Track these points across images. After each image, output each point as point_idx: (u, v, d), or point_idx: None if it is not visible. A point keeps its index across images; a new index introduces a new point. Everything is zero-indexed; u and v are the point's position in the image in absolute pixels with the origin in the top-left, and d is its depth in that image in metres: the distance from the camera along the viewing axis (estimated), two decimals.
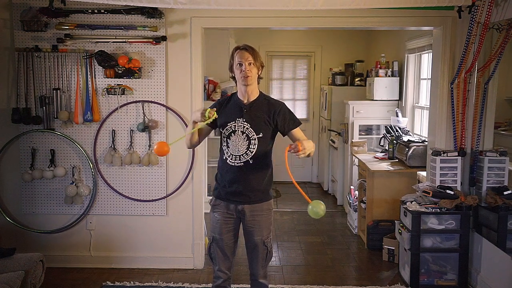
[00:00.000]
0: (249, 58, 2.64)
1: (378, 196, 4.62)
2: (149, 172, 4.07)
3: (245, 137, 2.68)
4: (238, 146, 2.68)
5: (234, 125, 2.69)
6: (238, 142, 2.68)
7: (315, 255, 4.54)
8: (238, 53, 2.67)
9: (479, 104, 3.70)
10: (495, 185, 3.62)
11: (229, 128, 2.69)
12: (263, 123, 2.71)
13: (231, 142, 2.69)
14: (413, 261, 3.71)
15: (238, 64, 2.66)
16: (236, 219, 2.79)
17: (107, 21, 3.91)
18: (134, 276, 3.99)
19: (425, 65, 5.26)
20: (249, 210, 2.75)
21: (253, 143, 2.68)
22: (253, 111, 2.71)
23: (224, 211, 2.77)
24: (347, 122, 5.86)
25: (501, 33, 3.43)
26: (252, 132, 2.68)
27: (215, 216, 2.80)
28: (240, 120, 2.69)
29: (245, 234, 2.82)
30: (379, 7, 3.59)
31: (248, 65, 2.64)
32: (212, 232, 2.84)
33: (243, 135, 2.68)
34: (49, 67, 3.94)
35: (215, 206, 2.81)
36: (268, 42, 7.30)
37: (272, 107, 2.77)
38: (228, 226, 2.78)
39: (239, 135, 2.68)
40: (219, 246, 2.79)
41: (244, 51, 2.66)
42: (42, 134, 4.02)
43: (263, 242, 2.79)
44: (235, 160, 2.69)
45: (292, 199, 6.58)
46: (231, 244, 2.81)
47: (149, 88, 4.00)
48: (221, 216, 2.77)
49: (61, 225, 4.13)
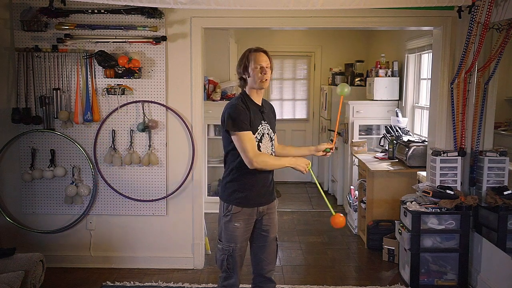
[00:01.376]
0: (267, 61, 2.68)
1: (378, 196, 4.62)
2: (149, 172, 4.07)
3: (269, 138, 2.78)
4: (267, 147, 2.76)
5: (262, 128, 2.73)
6: (267, 143, 2.76)
7: (315, 255, 4.54)
8: (255, 55, 2.66)
9: (479, 104, 3.70)
10: (495, 185, 3.61)
11: (260, 132, 2.72)
12: (273, 123, 2.85)
13: (263, 145, 2.73)
14: (413, 261, 3.71)
15: (259, 67, 2.65)
16: (253, 223, 2.80)
17: (107, 21, 3.91)
18: (134, 276, 3.99)
19: (425, 65, 5.26)
20: (267, 209, 2.81)
21: (273, 142, 2.82)
22: (266, 112, 2.81)
23: (247, 218, 2.73)
24: (347, 122, 5.87)
25: (501, 33, 3.43)
26: (272, 133, 2.80)
27: (235, 226, 2.70)
28: (264, 122, 2.75)
29: (260, 233, 2.81)
30: (379, 7, 3.59)
31: (267, 68, 2.67)
32: (231, 243, 2.72)
33: (268, 136, 2.77)
34: (49, 67, 3.94)
35: (235, 214, 2.70)
36: (268, 42, 7.29)
37: (271, 108, 2.94)
38: (248, 232, 2.78)
39: (266, 137, 2.75)
40: (240, 255, 2.77)
41: (264, 54, 2.68)
42: (42, 134, 4.02)
43: (276, 238, 2.88)
44: None
45: (292, 199, 6.58)
46: (245, 249, 2.84)
47: (149, 88, 4.00)
48: (244, 224, 2.73)
49: (61, 225, 4.13)
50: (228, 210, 2.72)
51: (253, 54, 2.67)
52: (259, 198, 2.75)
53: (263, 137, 2.72)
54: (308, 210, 6.07)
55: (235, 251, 2.72)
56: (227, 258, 2.73)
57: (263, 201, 2.77)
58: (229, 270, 2.75)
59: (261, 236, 2.82)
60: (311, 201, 6.50)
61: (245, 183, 2.71)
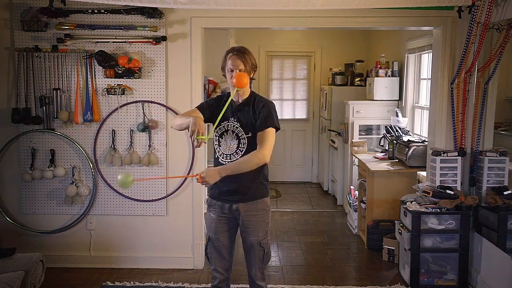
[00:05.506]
0: (240, 65, 2.67)
1: (378, 196, 4.62)
2: (149, 172, 4.07)
3: (235, 136, 2.72)
4: (229, 145, 2.72)
5: (226, 125, 2.73)
6: (230, 141, 2.72)
7: (315, 255, 4.54)
8: (230, 57, 2.69)
9: (479, 104, 3.70)
10: (495, 185, 3.62)
11: (222, 128, 2.74)
12: (250, 123, 2.71)
13: (223, 141, 2.74)
14: (413, 261, 3.71)
15: (229, 69, 2.69)
16: (232, 218, 2.78)
17: (107, 21, 3.91)
18: (134, 276, 3.99)
19: (425, 65, 5.26)
20: (243, 210, 2.74)
21: (242, 142, 2.71)
22: (242, 111, 2.74)
23: (219, 210, 2.78)
24: (347, 122, 5.86)
25: (501, 33, 3.43)
26: (242, 131, 2.71)
27: (211, 216, 2.81)
28: (232, 119, 2.73)
29: (241, 234, 2.81)
30: (379, 7, 3.59)
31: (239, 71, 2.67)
32: (208, 232, 2.86)
33: (233, 134, 2.72)
34: (49, 67, 3.94)
35: (210, 206, 2.83)
36: (268, 42, 7.30)
37: (256, 106, 2.72)
38: (223, 226, 2.79)
39: (230, 134, 2.72)
40: (215, 246, 2.80)
41: (236, 57, 2.67)
42: (42, 134, 4.02)
43: (259, 243, 2.76)
44: (226, 158, 2.73)
45: (292, 199, 6.58)
46: (227, 244, 2.81)
47: (149, 88, 4.00)
48: (216, 216, 2.79)
49: (61, 225, 4.13)
50: (207, 200, 2.86)
51: (229, 56, 2.71)
52: (223, 195, 2.74)
53: (225, 133, 2.72)
54: (308, 210, 6.07)
55: (211, 240, 2.81)
56: (207, 246, 2.85)
57: (230, 198, 2.72)
58: (209, 258, 2.87)
59: (242, 237, 2.82)
60: (311, 201, 6.50)
61: None
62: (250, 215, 2.75)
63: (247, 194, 2.73)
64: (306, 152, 7.68)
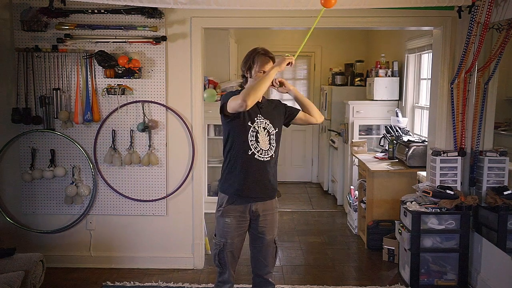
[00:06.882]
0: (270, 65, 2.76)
1: (378, 196, 4.62)
2: (149, 172, 4.07)
3: (266, 133, 2.75)
4: (265, 141, 2.75)
5: (260, 122, 2.75)
6: (265, 137, 2.75)
7: (315, 255, 4.54)
8: (262, 59, 2.74)
9: (479, 104, 3.70)
10: (495, 185, 3.62)
11: (256, 126, 2.73)
12: (276, 119, 2.81)
13: (260, 138, 2.73)
14: (413, 261, 3.71)
15: (262, 72, 2.73)
16: (247, 221, 2.79)
17: (107, 21, 3.91)
18: (134, 276, 3.99)
19: (425, 65, 5.26)
20: (261, 210, 2.77)
21: (272, 138, 2.77)
22: (266, 108, 2.81)
23: (237, 214, 2.75)
24: (347, 122, 5.86)
25: (501, 33, 3.43)
26: (272, 128, 2.77)
27: (227, 221, 2.75)
28: (260, 116, 2.75)
29: (256, 234, 2.81)
30: (379, 7, 3.59)
31: None
32: (222, 238, 2.77)
33: (265, 131, 2.75)
34: (49, 67, 3.94)
35: (226, 211, 2.75)
36: (268, 42, 7.27)
37: (273, 103, 2.93)
38: (240, 229, 2.78)
39: (262, 131, 2.74)
40: (231, 251, 2.78)
41: (270, 60, 2.76)
42: (42, 134, 4.02)
43: (273, 241, 2.83)
44: (264, 154, 2.74)
45: (292, 199, 6.58)
46: (240, 246, 2.83)
47: (149, 88, 4.00)
48: (235, 220, 2.75)
49: (61, 225, 4.13)
50: (220, 205, 2.78)
51: (260, 58, 2.73)
52: (252, 193, 2.73)
53: (260, 131, 2.74)
54: (308, 210, 6.07)
55: (226, 246, 2.76)
56: (219, 253, 2.78)
57: (259, 196, 2.74)
58: (221, 265, 2.80)
59: (258, 237, 2.81)
60: (311, 201, 6.50)
61: (234, 178, 2.73)
62: (267, 214, 2.80)
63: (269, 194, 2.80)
64: (306, 152, 7.68)
